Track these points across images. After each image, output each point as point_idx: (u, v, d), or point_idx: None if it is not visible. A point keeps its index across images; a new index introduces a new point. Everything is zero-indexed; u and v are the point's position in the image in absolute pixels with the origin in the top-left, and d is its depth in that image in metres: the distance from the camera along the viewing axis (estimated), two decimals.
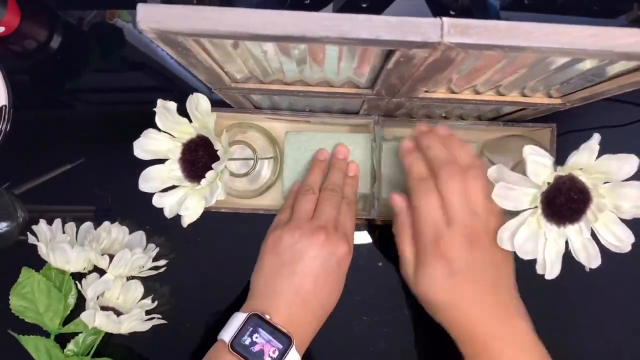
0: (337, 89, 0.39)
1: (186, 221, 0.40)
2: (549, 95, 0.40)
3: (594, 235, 0.36)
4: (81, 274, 0.47)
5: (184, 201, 0.40)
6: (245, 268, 0.50)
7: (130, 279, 0.47)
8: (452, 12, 0.55)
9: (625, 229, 0.36)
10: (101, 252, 0.46)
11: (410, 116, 0.49)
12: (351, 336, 0.50)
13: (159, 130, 0.39)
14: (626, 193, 0.35)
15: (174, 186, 0.41)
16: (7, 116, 0.52)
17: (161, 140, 0.40)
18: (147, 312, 0.46)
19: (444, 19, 0.25)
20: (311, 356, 0.48)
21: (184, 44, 0.28)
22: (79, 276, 0.46)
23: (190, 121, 0.38)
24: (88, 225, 0.49)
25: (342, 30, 0.25)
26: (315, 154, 0.49)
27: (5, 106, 0.52)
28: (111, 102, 0.56)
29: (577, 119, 0.49)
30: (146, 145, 0.40)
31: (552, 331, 0.49)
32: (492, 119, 0.50)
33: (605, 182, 0.35)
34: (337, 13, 0.25)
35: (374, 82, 0.37)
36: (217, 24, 0.25)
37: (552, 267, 0.36)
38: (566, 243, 0.36)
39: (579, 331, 0.51)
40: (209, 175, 0.38)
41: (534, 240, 0.36)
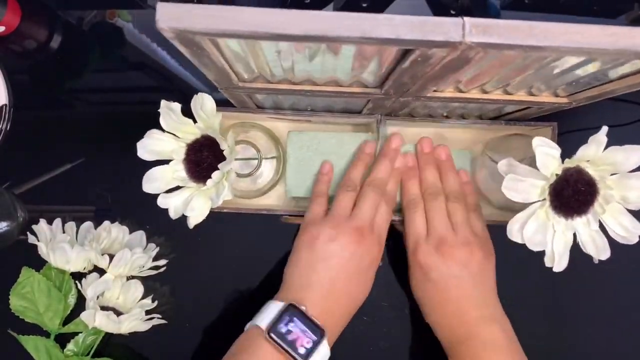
0: (345, 88, 0.39)
1: (192, 222, 0.40)
2: (556, 94, 0.41)
3: (602, 227, 0.37)
4: (81, 274, 0.46)
5: (189, 202, 0.39)
6: (245, 268, 0.50)
7: (130, 278, 0.47)
8: (452, 12, 0.54)
9: (632, 220, 0.36)
10: (101, 252, 0.46)
11: (412, 115, 0.49)
12: (351, 336, 0.50)
13: (162, 130, 0.39)
14: (633, 184, 0.35)
15: (177, 187, 0.41)
16: (7, 116, 0.52)
17: (165, 140, 0.40)
18: (147, 312, 0.46)
19: (465, 18, 0.25)
20: None
21: (200, 44, 0.27)
22: (79, 276, 0.46)
23: (195, 121, 0.38)
24: (88, 225, 0.49)
25: (363, 30, 0.25)
26: (362, 146, 0.47)
27: (6, 105, 0.52)
28: (111, 102, 0.56)
29: (578, 118, 0.49)
30: (150, 146, 0.40)
31: (553, 327, 0.49)
32: (493, 118, 0.50)
33: (612, 173, 0.36)
34: (356, 13, 0.25)
35: (383, 81, 0.37)
36: (237, 23, 0.25)
37: (560, 259, 0.36)
38: (574, 236, 0.37)
39: (580, 328, 0.51)
40: (215, 175, 0.37)
41: (542, 233, 0.36)
